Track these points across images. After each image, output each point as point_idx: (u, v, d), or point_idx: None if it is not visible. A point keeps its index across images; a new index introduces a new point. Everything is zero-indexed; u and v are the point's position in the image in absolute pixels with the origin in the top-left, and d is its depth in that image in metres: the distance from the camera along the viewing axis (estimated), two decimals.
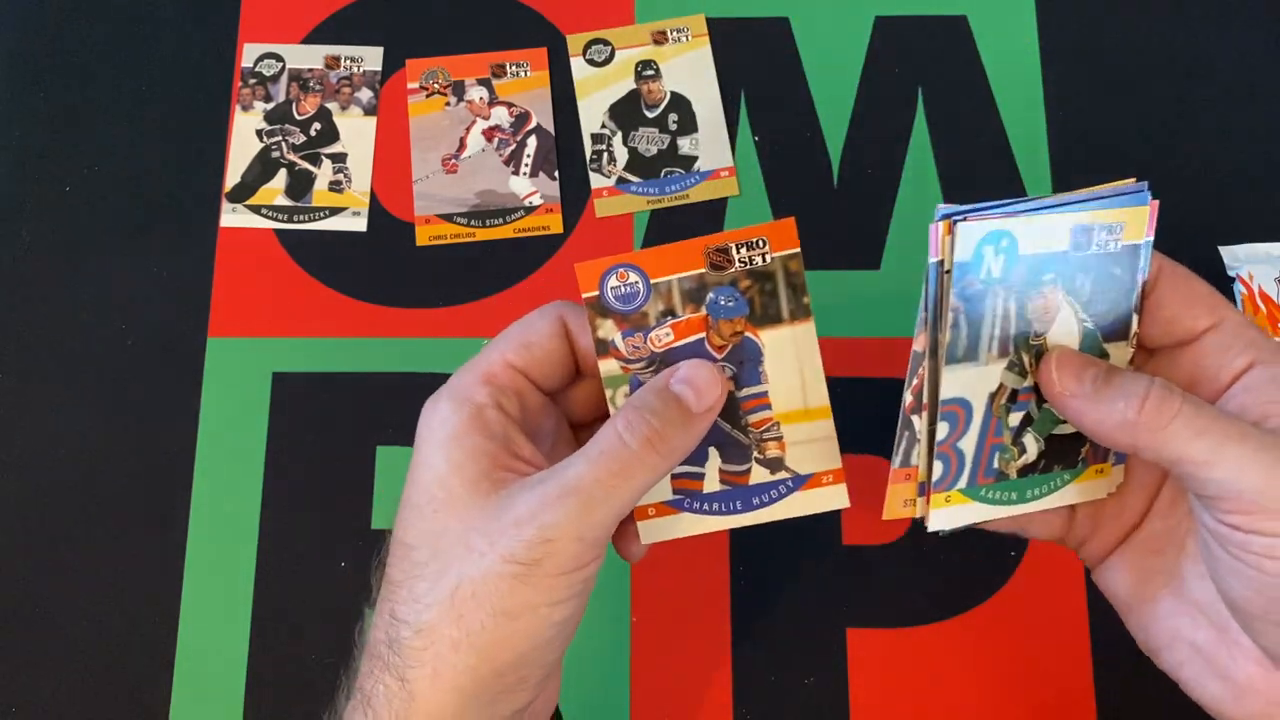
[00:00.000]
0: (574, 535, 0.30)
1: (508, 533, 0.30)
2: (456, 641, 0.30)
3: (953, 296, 0.31)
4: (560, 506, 0.30)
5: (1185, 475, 0.31)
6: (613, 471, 0.31)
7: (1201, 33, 0.59)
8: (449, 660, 0.30)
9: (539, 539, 0.30)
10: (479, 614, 0.30)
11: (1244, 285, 0.49)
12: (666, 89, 0.58)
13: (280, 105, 0.58)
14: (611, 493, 0.31)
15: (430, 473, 0.32)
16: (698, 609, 0.50)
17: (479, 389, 0.34)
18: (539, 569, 0.30)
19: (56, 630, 0.50)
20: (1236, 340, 0.32)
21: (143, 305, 0.55)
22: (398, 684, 0.31)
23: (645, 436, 0.31)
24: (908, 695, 0.49)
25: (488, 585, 0.30)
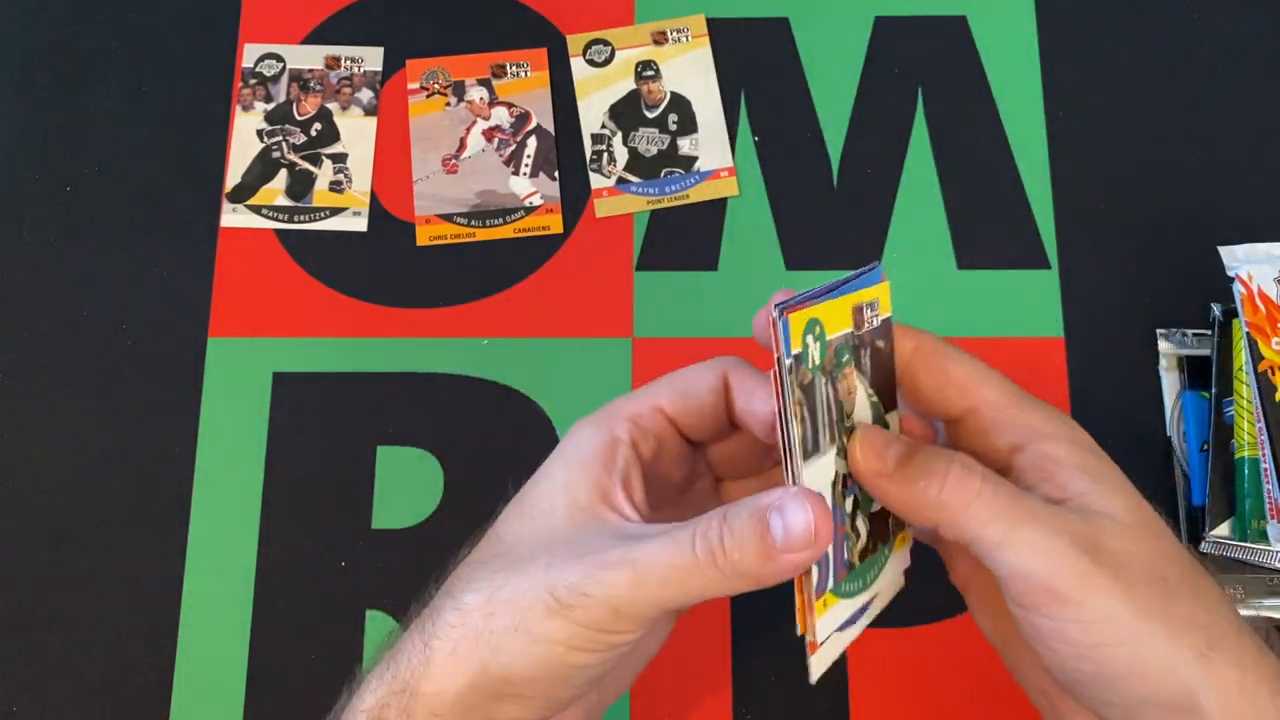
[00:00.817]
0: (611, 604, 0.30)
1: (566, 566, 0.31)
2: (480, 633, 0.31)
3: (796, 390, 0.30)
4: (612, 571, 0.31)
5: (981, 555, 0.31)
6: (671, 566, 0.30)
7: (1201, 32, 0.59)
8: (469, 646, 0.32)
9: (579, 590, 0.31)
10: (506, 619, 0.31)
11: (1243, 285, 0.49)
12: (666, 89, 0.58)
13: (281, 105, 0.58)
14: (663, 586, 0.30)
15: (546, 484, 0.34)
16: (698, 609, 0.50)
17: (621, 424, 0.34)
18: (569, 613, 0.31)
19: (56, 630, 0.50)
20: (994, 426, 0.33)
21: (143, 305, 0.55)
22: (423, 648, 0.32)
23: (710, 549, 0.30)
24: (908, 695, 0.49)
25: (525, 601, 0.31)
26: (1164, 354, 0.53)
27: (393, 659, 0.33)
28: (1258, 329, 0.48)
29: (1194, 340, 0.52)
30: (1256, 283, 0.49)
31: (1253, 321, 0.48)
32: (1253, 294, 0.49)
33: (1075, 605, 0.29)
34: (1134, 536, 0.30)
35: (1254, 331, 0.48)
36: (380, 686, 0.33)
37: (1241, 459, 0.48)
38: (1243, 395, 0.49)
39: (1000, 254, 0.55)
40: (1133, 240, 0.55)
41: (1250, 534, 0.47)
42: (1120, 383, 0.53)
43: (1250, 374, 0.48)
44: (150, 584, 0.51)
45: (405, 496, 0.52)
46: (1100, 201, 0.56)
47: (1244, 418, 0.48)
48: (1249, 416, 0.48)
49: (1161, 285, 0.54)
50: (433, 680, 0.32)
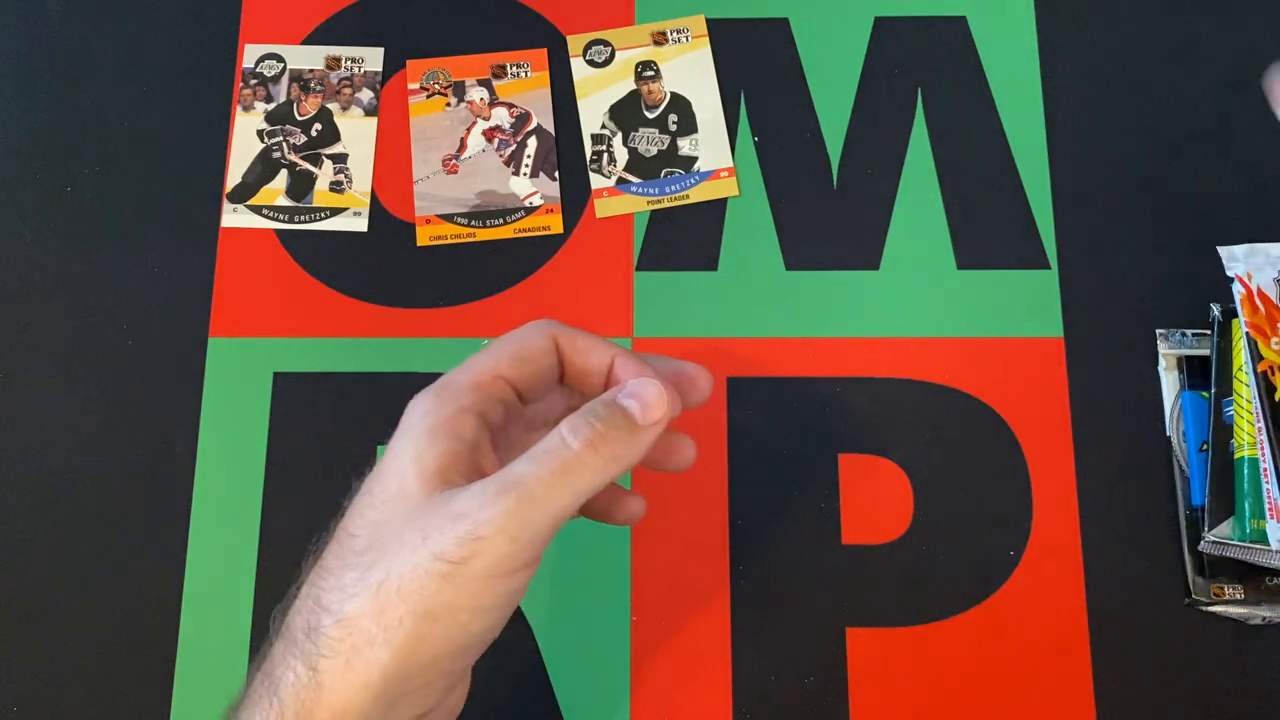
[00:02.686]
0: (508, 534, 0.30)
1: (442, 528, 0.30)
2: (373, 636, 0.30)
3: None
4: (497, 503, 0.30)
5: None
6: (553, 470, 0.31)
7: (1201, 32, 0.59)
8: (363, 654, 0.30)
9: (470, 535, 0.29)
10: (399, 610, 0.30)
11: (1243, 285, 0.49)
12: (666, 89, 0.58)
13: (281, 106, 0.58)
14: (550, 491, 0.30)
15: (392, 462, 0.33)
16: (698, 609, 0.50)
17: (466, 393, 0.34)
18: (466, 569, 0.29)
19: (56, 630, 0.50)
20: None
21: (143, 305, 0.55)
22: (308, 673, 0.30)
23: (588, 438, 0.31)
24: (908, 695, 0.49)
25: (414, 582, 0.30)
26: (1164, 354, 0.53)
27: (272, 691, 0.31)
28: (1257, 329, 0.48)
29: (1194, 340, 0.52)
30: (1256, 282, 0.49)
31: (1252, 321, 0.48)
32: (1252, 294, 0.49)
33: None
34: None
35: (1253, 331, 0.48)
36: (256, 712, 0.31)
37: (1241, 459, 0.48)
38: (1242, 395, 0.49)
39: (1000, 254, 0.55)
40: (1133, 240, 0.55)
41: (1250, 534, 0.47)
42: (1120, 382, 0.53)
43: (1250, 374, 0.48)
44: (150, 584, 0.51)
45: None
46: (1100, 201, 0.56)
47: (1243, 418, 0.48)
48: (1248, 416, 0.48)
49: (1161, 285, 0.54)
50: (328, 705, 0.30)
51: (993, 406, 0.53)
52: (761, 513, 0.51)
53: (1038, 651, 0.50)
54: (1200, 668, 0.49)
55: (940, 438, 0.52)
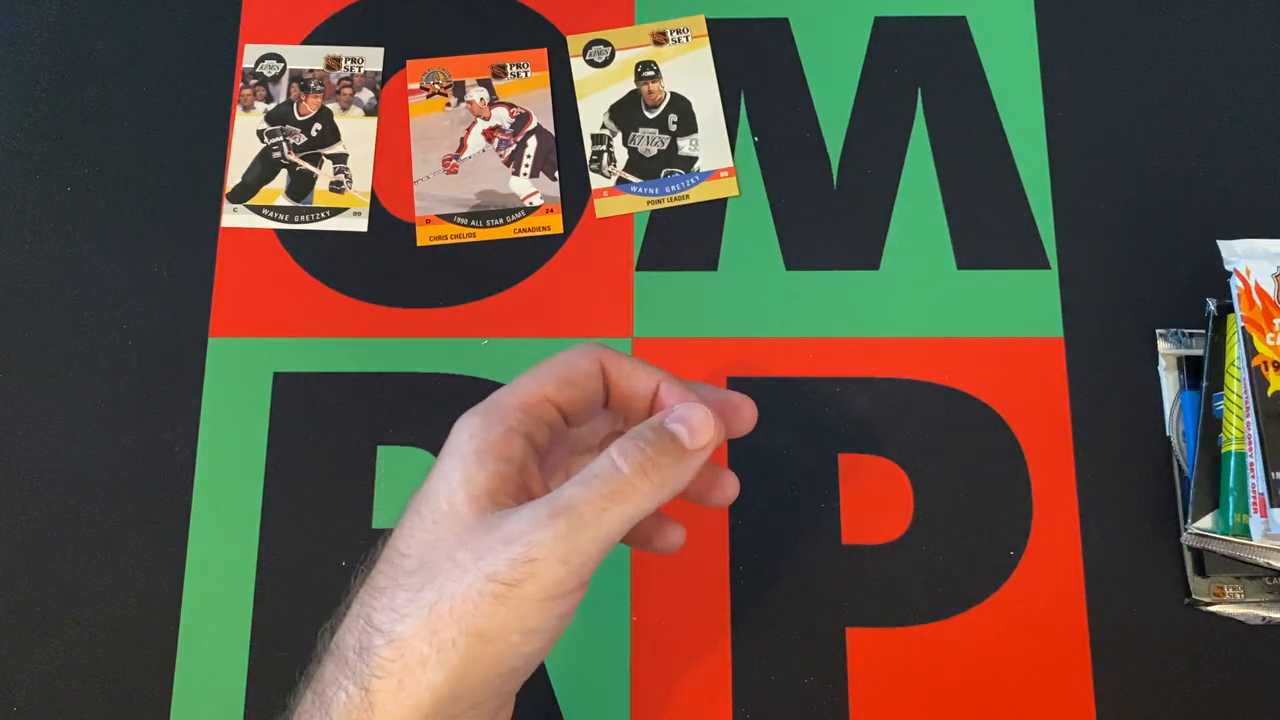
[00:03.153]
0: (559, 557, 0.30)
1: (495, 550, 0.30)
2: (425, 657, 0.30)
3: None
4: (549, 526, 0.30)
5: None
6: (603, 494, 0.31)
7: (1200, 32, 0.59)
8: (415, 675, 0.30)
9: (524, 558, 0.30)
10: (452, 631, 0.30)
11: (1240, 280, 0.49)
12: (666, 89, 0.58)
13: (281, 106, 0.58)
14: (601, 515, 0.31)
15: (442, 483, 0.33)
16: (698, 609, 0.50)
17: (514, 414, 0.34)
18: (519, 590, 0.30)
19: (57, 630, 0.50)
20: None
21: (143, 305, 0.55)
22: (360, 693, 0.30)
23: (638, 463, 0.31)
24: (907, 695, 0.49)
25: (467, 603, 0.30)
26: (1164, 354, 0.53)
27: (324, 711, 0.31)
28: (1253, 324, 0.48)
29: (1193, 340, 0.53)
30: (1254, 278, 0.49)
31: (1249, 316, 0.48)
32: (1250, 289, 0.49)
33: None
34: None
35: (1250, 326, 0.48)
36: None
37: (1228, 453, 0.48)
38: (1233, 390, 0.49)
39: (1000, 254, 0.55)
40: (1133, 240, 0.55)
41: (1233, 528, 0.47)
42: (1120, 383, 0.53)
43: (1243, 368, 0.48)
44: (150, 584, 0.51)
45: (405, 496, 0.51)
46: (1100, 201, 0.56)
47: (1233, 412, 0.49)
48: (1238, 411, 0.48)
49: (1161, 285, 0.54)
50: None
51: (993, 406, 0.53)
52: (761, 513, 0.51)
53: (1038, 651, 0.50)
54: (1200, 668, 0.49)
55: (940, 438, 0.52)
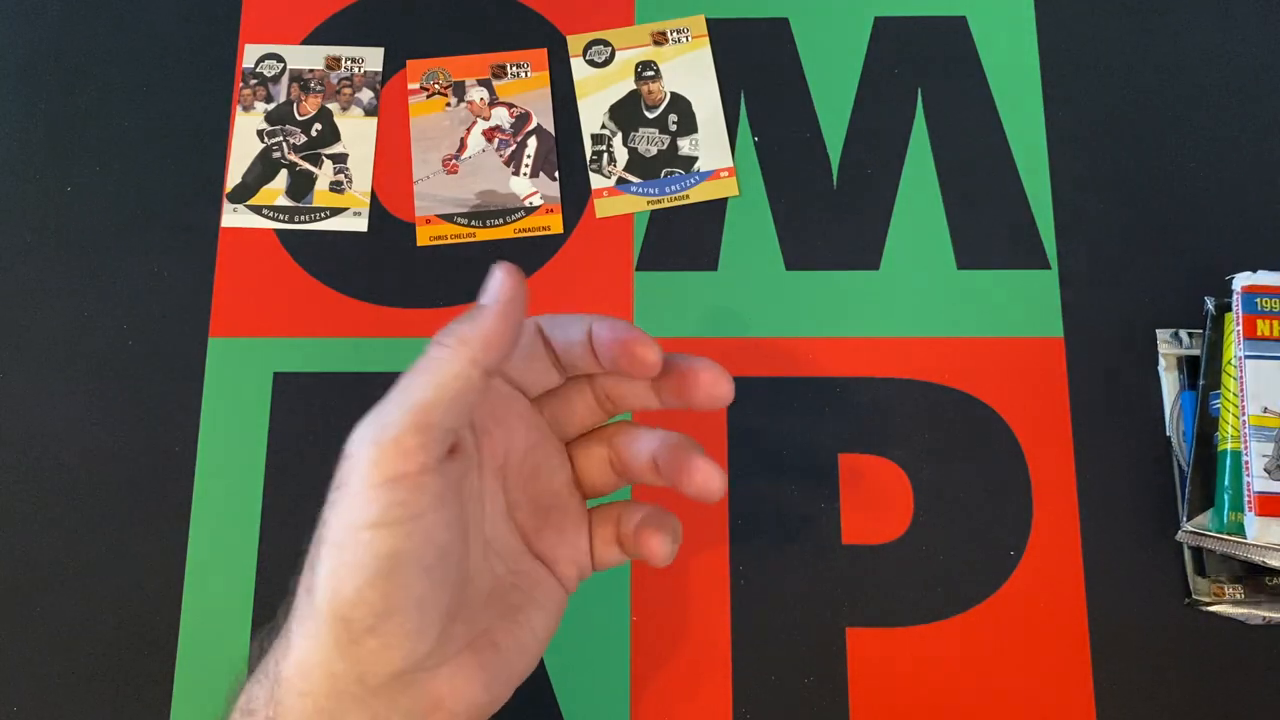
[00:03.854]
0: (367, 439, 0.30)
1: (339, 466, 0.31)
2: (308, 586, 0.31)
3: None
4: (364, 421, 0.31)
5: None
6: (409, 375, 0.31)
7: (1201, 31, 0.59)
8: (305, 603, 0.31)
9: (344, 456, 0.31)
10: (314, 552, 0.31)
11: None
12: (666, 89, 0.58)
13: (281, 106, 0.58)
14: (405, 393, 0.31)
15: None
16: (698, 609, 0.50)
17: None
18: (346, 488, 0.30)
19: (57, 630, 0.50)
20: None
21: (143, 305, 0.55)
22: (283, 633, 0.32)
23: (435, 340, 0.32)
24: (907, 695, 0.49)
25: (322, 524, 0.31)
26: (1164, 354, 0.53)
27: (263, 660, 0.33)
28: None
29: (1193, 340, 0.53)
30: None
31: None
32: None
33: None
34: None
35: None
36: (251, 685, 0.33)
37: (1224, 451, 0.48)
38: (1229, 389, 0.49)
39: (1000, 254, 0.55)
40: (1133, 240, 0.55)
41: (1227, 526, 0.48)
42: (1120, 382, 0.53)
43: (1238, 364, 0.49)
44: (150, 583, 0.51)
45: None
46: (1100, 201, 0.56)
47: (1229, 410, 0.49)
48: (1234, 410, 0.48)
49: (1161, 285, 0.54)
50: (292, 658, 0.31)
51: (993, 406, 0.53)
52: (761, 513, 0.51)
53: (1038, 651, 0.50)
54: (1200, 668, 0.49)
55: (940, 438, 0.52)
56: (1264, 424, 0.48)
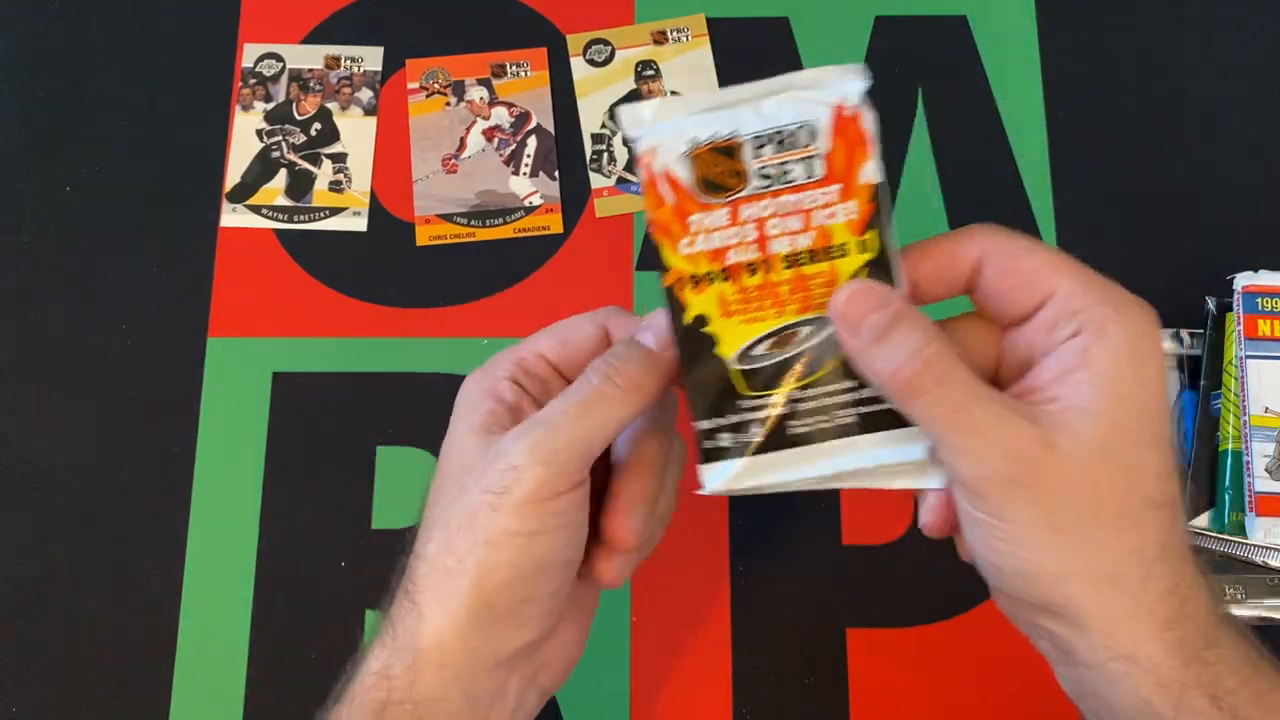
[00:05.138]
0: (537, 461, 0.33)
1: (486, 466, 0.33)
2: (450, 569, 0.33)
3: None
4: (525, 436, 0.33)
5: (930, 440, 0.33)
6: (575, 403, 0.33)
7: (1201, 31, 0.59)
8: (447, 585, 0.33)
9: (506, 466, 0.33)
10: (466, 543, 0.33)
11: (644, 170, 0.34)
12: (667, 89, 0.58)
13: (280, 105, 0.58)
14: (575, 421, 0.33)
15: (450, 441, 0.36)
16: (698, 609, 0.50)
17: (504, 365, 0.37)
18: (508, 497, 0.33)
19: (56, 630, 0.50)
20: (1064, 312, 0.32)
21: (143, 305, 0.55)
22: (410, 605, 0.34)
23: (605, 373, 0.34)
24: (908, 695, 0.49)
25: (472, 517, 0.33)
26: (1165, 354, 0.53)
27: (390, 626, 0.35)
28: (663, 229, 0.34)
29: (1194, 341, 0.52)
30: (662, 161, 0.34)
31: (656, 219, 0.34)
32: (655, 180, 0.34)
33: (988, 503, 0.31)
34: (1082, 463, 0.30)
35: (658, 234, 0.34)
36: (383, 652, 0.34)
37: (1225, 451, 0.48)
38: (1230, 389, 0.49)
39: None
40: (1133, 240, 0.55)
41: (1228, 526, 0.48)
42: None
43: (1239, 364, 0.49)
44: (150, 583, 0.51)
45: (405, 496, 0.52)
46: (1100, 201, 0.56)
47: (1230, 411, 0.49)
48: (1235, 410, 0.49)
49: (1161, 285, 0.54)
50: (429, 633, 0.33)
51: None
52: (761, 513, 0.51)
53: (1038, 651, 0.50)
54: None
55: None
56: (1265, 424, 0.48)
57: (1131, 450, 0.31)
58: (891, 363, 0.31)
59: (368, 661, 0.35)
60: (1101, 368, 0.31)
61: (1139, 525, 0.31)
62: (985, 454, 0.31)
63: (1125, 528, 0.31)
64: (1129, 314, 0.32)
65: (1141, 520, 0.31)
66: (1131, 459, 0.31)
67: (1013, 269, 0.33)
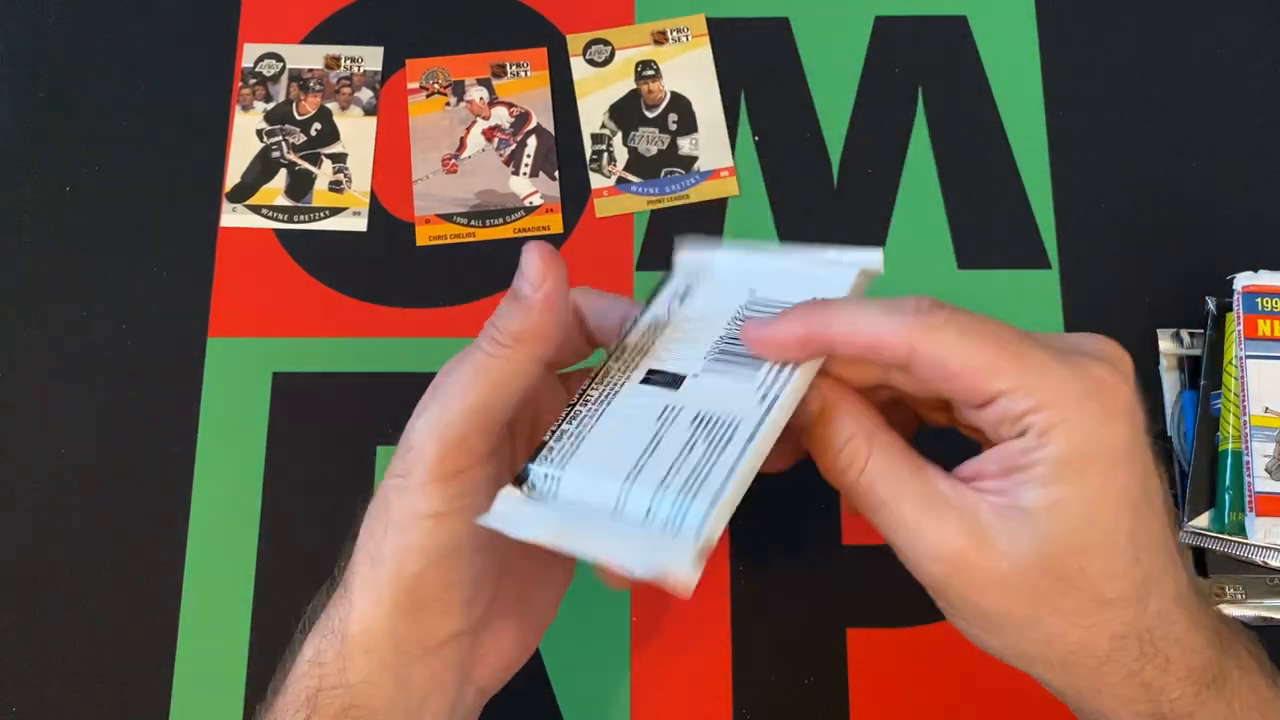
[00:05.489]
0: (433, 437, 0.32)
1: (398, 450, 0.34)
2: (371, 554, 0.34)
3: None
4: (422, 413, 0.33)
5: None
6: (464, 372, 0.33)
7: (1202, 31, 0.59)
8: (370, 572, 0.34)
9: (406, 446, 0.33)
10: (378, 528, 0.34)
11: None
12: (666, 89, 0.58)
13: (280, 105, 0.58)
14: (466, 391, 0.33)
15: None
16: (698, 608, 0.50)
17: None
18: (410, 478, 0.33)
19: (56, 630, 0.50)
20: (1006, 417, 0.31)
21: (143, 305, 0.55)
22: (343, 592, 0.35)
23: (488, 334, 0.34)
24: (908, 695, 0.49)
25: (381, 502, 0.34)
26: (1164, 354, 0.53)
27: (326, 614, 0.35)
28: None
29: (1194, 341, 0.52)
30: None
31: None
32: None
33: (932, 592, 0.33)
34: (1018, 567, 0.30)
35: None
36: (317, 638, 0.35)
37: (1225, 451, 0.48)
38: (1230, 389, 0.49)
39: (1000, 254, 0.55)
40: (1133, 240, 0.55)
41: (1228, 526, 0.48)
42: None
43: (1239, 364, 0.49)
44: (150, 584, 0.51)
45: None
46: (1100, 201, 0.56)
47: (1230, 411, 0.49)
48: (1235, 410, 0.49)
49: (1161, 285, 0.54)
50: (356, 619, 0.34)
51: None
52: (761, 513, 0.51)
53: None
54: None
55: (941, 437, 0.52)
56: (1265, 424, 0.48)
57: (1075, 554, 0.30)
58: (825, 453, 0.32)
59: (302, 650, 0.35)
60: (1044, 474, 0.30)
61: (1088, 625, 0.31)
62: (912, 556, 0.31)
63: (1070, 626, 0.31)
64: (1080, 411, 0.30)
65: (1093, 619, 0.31)
66: (1071, 569, 0.30)
67: (946, 374, 0.31)
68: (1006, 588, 0.30)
